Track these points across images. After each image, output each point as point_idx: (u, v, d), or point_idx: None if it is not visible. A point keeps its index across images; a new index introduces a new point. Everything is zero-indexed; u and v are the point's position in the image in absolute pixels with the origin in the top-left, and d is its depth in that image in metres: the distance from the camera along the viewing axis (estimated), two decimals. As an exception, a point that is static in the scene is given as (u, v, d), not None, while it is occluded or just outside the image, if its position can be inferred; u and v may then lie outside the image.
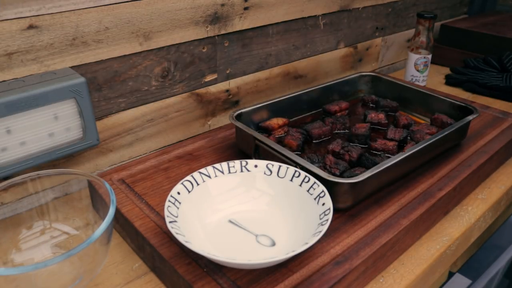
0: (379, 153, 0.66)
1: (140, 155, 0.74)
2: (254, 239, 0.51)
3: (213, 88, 0.80)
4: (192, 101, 0.77)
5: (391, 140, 0.68)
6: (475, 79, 1.06)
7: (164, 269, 0.49)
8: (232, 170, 0.56)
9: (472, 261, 0.77)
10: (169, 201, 0.49)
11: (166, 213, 0.47)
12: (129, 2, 0.63)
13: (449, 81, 1.10)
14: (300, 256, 0.47)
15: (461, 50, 1.19)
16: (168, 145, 0.77)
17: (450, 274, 0.73)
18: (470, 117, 0.68)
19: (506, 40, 1.14)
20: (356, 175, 0.54)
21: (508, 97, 0.99)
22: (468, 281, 0.96)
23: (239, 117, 0.67)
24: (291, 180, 0.54)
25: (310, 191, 0.52)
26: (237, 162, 0.57)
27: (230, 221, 0.53)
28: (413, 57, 1.01)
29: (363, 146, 0.69)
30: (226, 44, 0.78)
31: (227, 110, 0.84)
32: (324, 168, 0.60)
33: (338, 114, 0.79)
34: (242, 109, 0.69)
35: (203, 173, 0.54)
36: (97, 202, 0.55)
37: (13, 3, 0.53)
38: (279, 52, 0.88)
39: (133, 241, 0.55)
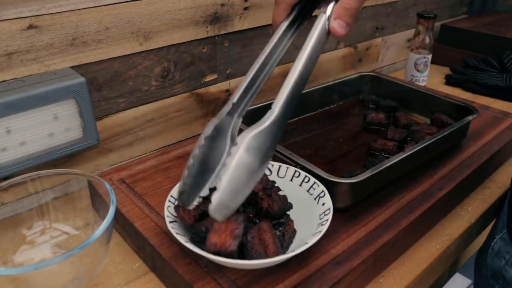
0: (379, 153, 0.66)
1: (140, 155, 0.74)
2: (254, 239, 0.51)
3: (213, 88, 0.80)
4: (192, 101, 0.77)
5: (391, 140, 0.68)
6: (475, 79, 1.06)
7: (164, 269, 0.49)
8: (232, 170, 0.56)
9: (472, 261, 0.77)
10: (169, 201, 0.49)
11: (166, 213, 0.47)
12: (129, 2, 0.63)
13: (449, 81, 1.10)
14: (300, 256, 0.47)
15: (461, 50, 1.19)
16: (168, 145, 0.77)
17: (450, 274, 0.73)
18: (470, 117, 0.68)
19: (506, 40, 1.14)
20: (356, 175, 0.54)
21: (508, 97, 0.99)
22: (468, 281, 0.96)
23: (239, 117, 0.67)
24: (291, 180, 0.54)
25: (310, 191, 0.52)
26: (237, 162, 0.56)
27: (230, 221, 0.53)
28: (413, 57, 1.01)
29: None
30: (226, 44, 0.78)
31: (227, 110, 0.84)
32: None
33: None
34: (242, 109, 0.69)
35: (203, 173, 0.54)
36: (97, 202, 0.55)
37: (13, 3, 0.53)
38: (279, 52, 0.87)
39: (133, 241, 0.55)
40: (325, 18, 0.44)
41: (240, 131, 0.42)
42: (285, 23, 0.48)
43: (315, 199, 0.51)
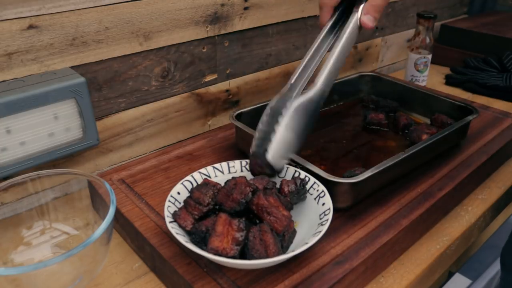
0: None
1: (140, 155, 0.74)
2: (254, 239, 0.51)
3: (213, 88, 0.80)
4: (192, 101, 0.77)
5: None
6: (475, 79, 1.06)
7: (164, 269, 0.49)
8: (232, 170, 0.56)
9: (472, 261, 0.77)
10: (169, 201, 0.49)
11: (166, 213, 0.47)
12: (129, 2, 0.63)
13: (449, 81, 1.10)
14: (300, 256, 0.47)
15: (461, 50, 1.19)
16: (168, 145, 0.77)
17: (450, 274, 0.73)
18: (470, 117, 0.68)
19: (506, 40, 1.14)
20: (356, 175, 0.54)
21: (508, 97, 0.99)
22: (468, 281, 0.96)
23: (239, 117, 0.67)
24: (291, 180, 0.54)
25: (310, 191, 0.52)
26: (237, 162, 0.56)
27: (230, 221, 0.53)
28: (413, 57, 1.01)
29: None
30: (226, 44, 0.78)
31: (227, 110, 0.84)
32: None
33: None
34: (242, 109, 0.69)
35: (203, 173, 0.54)
36: (97, 202, 0.55)
37: (13, 3, 0.53)
38: (279, 52, 0.87)
39: (133, 241, 0.55)
40: (357, 16, 0.55)
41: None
42: (329, 23, 0.59)
43: (315, 199, 0.51)
